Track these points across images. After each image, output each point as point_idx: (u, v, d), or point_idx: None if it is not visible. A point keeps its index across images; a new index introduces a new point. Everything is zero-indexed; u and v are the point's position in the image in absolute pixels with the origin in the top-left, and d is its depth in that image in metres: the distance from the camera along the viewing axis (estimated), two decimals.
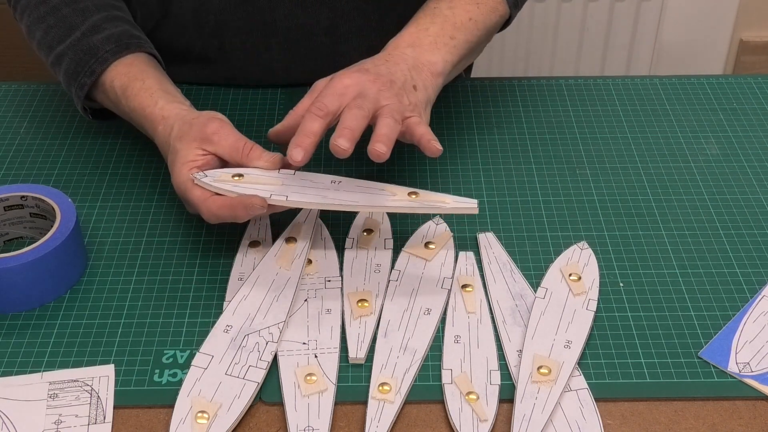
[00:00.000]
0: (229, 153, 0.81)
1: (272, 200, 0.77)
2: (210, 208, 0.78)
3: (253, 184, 0.79)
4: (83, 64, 0.90)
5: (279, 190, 0.79)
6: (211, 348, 0.74)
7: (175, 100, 0.87)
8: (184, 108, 0.86)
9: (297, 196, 0.78)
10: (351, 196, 0.80)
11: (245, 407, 0.70)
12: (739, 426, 0.70)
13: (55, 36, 0.92)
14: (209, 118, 0.82)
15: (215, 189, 0.78)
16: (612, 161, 0.96)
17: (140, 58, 0.91)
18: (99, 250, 0.85)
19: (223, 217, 0.78)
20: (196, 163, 0.80)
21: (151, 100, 0.86)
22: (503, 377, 0.73)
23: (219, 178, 0.79)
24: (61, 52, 0.92)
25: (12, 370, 0.74)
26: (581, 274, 0.81)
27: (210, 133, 0.80)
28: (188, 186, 0.79)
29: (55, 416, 0.70)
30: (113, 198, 0.91)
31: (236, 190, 0.78)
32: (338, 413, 0.70)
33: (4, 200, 0.83)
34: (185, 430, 0.68)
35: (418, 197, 0.80)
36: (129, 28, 0.93)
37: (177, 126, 0.83)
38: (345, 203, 0.79)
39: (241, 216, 0.77)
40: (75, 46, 0.91)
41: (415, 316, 0.77)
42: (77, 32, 0.91)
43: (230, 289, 0.80)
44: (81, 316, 0.79)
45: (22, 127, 1.01)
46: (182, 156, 0.80)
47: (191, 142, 0.81)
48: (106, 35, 0.91)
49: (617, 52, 1.97)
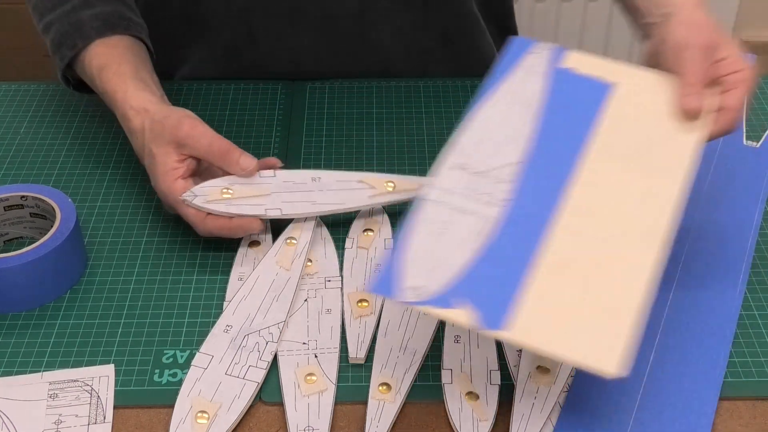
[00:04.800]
0: (206, 155, 0.82)
1: (268, 215, 0.82)
2: (208, 228, 0.81)
3: (245, 198, 0.82)
4: (67, 36, 0.90)
5: (271, 201, 0.82)
6: (211, 348, 0.74)
7: (146, 88, 0.87)
8: (153, 100, 0.86)
9: (289, 207, 0.83)
10: (335, 196, 0.84)
11: (245, 407, 0.70)
12: (739, 426, 0.70)
13: (48, 3, 0.93)
14: (180, 119, 0.82)
15: (209, 210, 0.81)
16: None
17: (124, 42, 0.91)
18: (99, 250, 0.85)
19: (221, 236, 0.81)
20: (178, 172, 0.81)
21: (122, 86, 0.86)
22: (503, 377, 0.73)
23: (210, 198, 0.81)
24: (50, 20, 0.92)
25: (12, 370, 0.74)
26: None
27: (184, 136, 0.81)
28: (180, 205, 0.81)
29: (55, 416, 0.70)
30: (113, 198, 0.91)
31: (231, 210, 0.81)
32: (338, 413, 0.70)
33: (4, 200, 0.83)
34: (185, 429, 0.68)
35: (396, 186, 0.85)
36: (122, 9, 0.93)
37: (148, 125, 0.83)
38: (334, 206, 0.84)
39: (239, 235, 0.82)
40: (64, 17, 0.91)
41: (415, 316, 0.77)
42: (69, 4, 0.92)
43: (230, 289, 0.80)
44: (81, 316, 0.79)
45: (22, 127, 1.01)
46: (161, 163, 0.81)
47: (167, 146, 0.81)
48: (96, 12, 0.91)
49: (617, 52, 1.97)
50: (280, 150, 0.97)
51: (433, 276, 0.67)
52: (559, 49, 0.82)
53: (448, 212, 0.71)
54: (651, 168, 0.74)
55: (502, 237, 0.70)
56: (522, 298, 0.66)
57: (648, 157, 0.75)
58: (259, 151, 0.96)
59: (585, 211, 0.71)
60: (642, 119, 0.77)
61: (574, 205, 0.71)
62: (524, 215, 0.71)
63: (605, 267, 0.68)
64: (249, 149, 0.94)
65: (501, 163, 0.74)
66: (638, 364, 0.73)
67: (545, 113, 0.77)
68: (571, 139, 0.76)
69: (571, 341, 0.64)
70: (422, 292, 0.66)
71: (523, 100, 0.78)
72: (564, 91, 0.79)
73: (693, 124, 0.76)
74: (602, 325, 0.65)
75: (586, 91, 0.79)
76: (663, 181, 0.73)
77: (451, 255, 0.68)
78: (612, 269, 0.68)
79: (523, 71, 0.80)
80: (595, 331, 0.64)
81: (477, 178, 0.73)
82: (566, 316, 0.65)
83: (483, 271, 0.68)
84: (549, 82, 0.79)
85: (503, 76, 0.80)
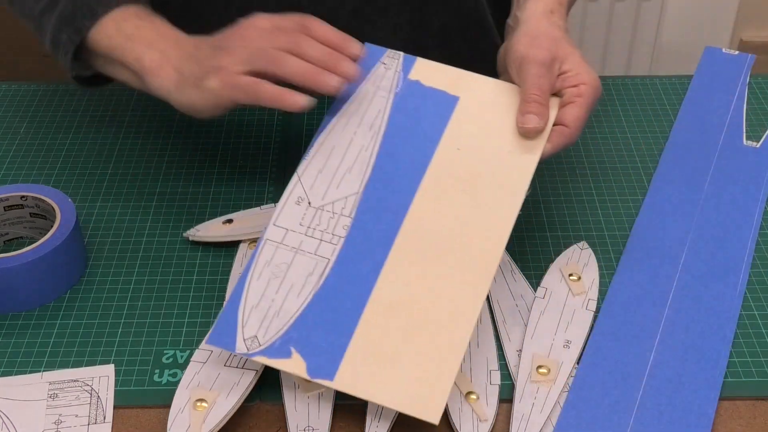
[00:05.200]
0: None
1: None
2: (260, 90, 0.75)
3: (245, 225, 0.84)
4: (82, 6, 0.83)
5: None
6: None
7: None
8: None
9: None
10: None
11: (244, 393, 0.69)
12: (739, 426, 0.70)
13: None
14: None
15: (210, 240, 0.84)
16: (612, 161, 0.96)
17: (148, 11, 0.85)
18: (99, 250, 0.85)
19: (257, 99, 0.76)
20: None
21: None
22: (503, 377, 0.73)
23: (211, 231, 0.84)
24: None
25: (12, 370, 0.74)
26: (581, 274, 0.81)
27: None
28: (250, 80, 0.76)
29: (55, 416, 0.70)
30: (113, 198, 0.91)
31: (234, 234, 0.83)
32: (338, 413, 0.70)
33: (4, 200, 0.83)
34: (184, 418, 0.68)
35: None
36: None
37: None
38: None
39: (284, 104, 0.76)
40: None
41: None
42: None
43: (230, 288, 0.80)
44: (81, 316, 0.79)
45: (22, 127, 1.01)
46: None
47: None
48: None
49: (617, 52, 1.97)
50: (280, 149, 0.97)
51: (268, 325, 0.69)
52: (408, 58, 0.81)
53: (289, 253, 0.72)
54: (487, 194, 0.74)
55: (335, 279, 0.70)
56: (351, 345, 0.67)
57: (486, 179, 0.75)
58: (258, 150, 0.96)
59: (416, 248, 0.71)
60: (483, 137, 0.77)
61: (405, 241, 0.71)
62: (358, 254, 0.71)
63: (432, 309, 0.69)
64: (248, 149, 0.94)
65: (340, 195, 0.74)
66: (638, 364, 0.73)
67: (388, 135, 0.77)
68: (413, 162, 0.75)
69: (394, 390, 0.66)
70: (257, 342, 0.68)
71: (366, 121, 0.77)
72: (409, 108, 0.78)
73: (533, 142, 0.76)
74: (424, 373, 0.66)
75: (432, 107, 0.79)
76: (497, 209, 0.73)
77: (286, 301, 0.70)
78: (438, 311, 0.69)
79: (372, 86, 0.80)
80: (417, 379, 0.66)
81: (317, 212, 0.73)
82: (391, 363, 0.67)
83: (315, 318, 0.69)
84: (394, 98, 0.79)
85: (352, 91, 0.79)
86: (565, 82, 0.79)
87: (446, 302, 0.69)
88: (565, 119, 0.78)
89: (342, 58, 0.77)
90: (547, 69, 0.78)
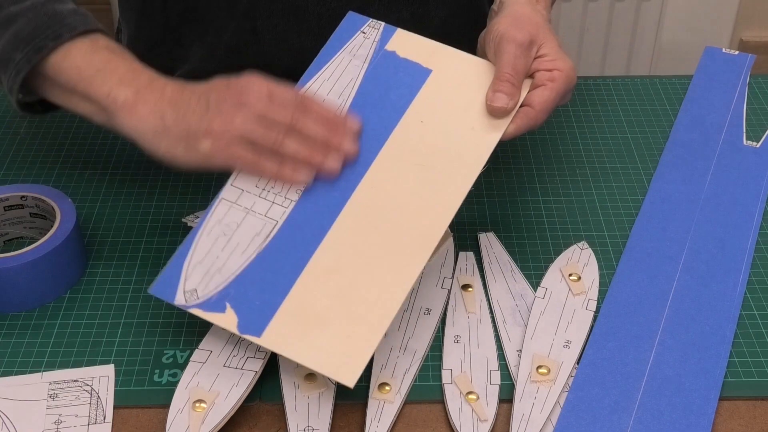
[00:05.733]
0: None
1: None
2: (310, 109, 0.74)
3: None
4: (45, 27, 0.78)
5: None
6: (210, 343, 0.74)
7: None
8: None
9: None
10: None
11: (243, 395, 0.69)
12: (739, 426, 0.70)
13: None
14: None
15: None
16: (612, 161, 0.96)
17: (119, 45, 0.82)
18: (99, 250, 0.85)
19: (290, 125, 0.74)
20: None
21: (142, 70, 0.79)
22: (503, 377, 0.73)
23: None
24: (15, 12, 0.79)
25: (12, 370, 0.74)
26: (581, 274, 0.81)
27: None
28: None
29: (55, 416, 0.70)
30: (113, 198, 0.91)
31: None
32: (338, 413, 0.70)
33: (4, 200, 0.83)
34: (183, 419, 0.68)
35: None
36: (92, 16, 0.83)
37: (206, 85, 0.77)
38: None
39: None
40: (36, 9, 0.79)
41: (415, 316, 0.77)
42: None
43: None
44: (81, 316, 0.79)
45: (22, 127, 1.01)
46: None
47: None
48: (72, 8, 0.81)
49: (617, 52, 1.97)
50: None
51: (209, 280, 0.70)
52: (389, 29, 0.81)
53: (241, 213, 0.73)
54: (442, 168, 0.74)
55: (279, 242, 0.71)
56: (283, 305, 0.69)
57: (444, 154, 0.75)
58: None
59: (365, 214, 0.72)
60: (449, 112, 0.77)
61: (353, 209, 0.72)
62: (305, 219, 0.72)
63: (366, 278, 0.70)
64: None
65: None
66: (638, 364, 0.73)
67: (356, 104, 0.77)
68: (375, 132, 0.76)
69: (316, 351, 0.67)
70: (195, 295, 0.69)
71: (336, 89, 0.78)
72: (380, 78, 0.78)
73: (498, 121, 0.76)
74: (348, 338, 0.67)
75: (403, 78, 0.79)
76: (449, 184, 0.73)
77: (230, 259, 0.71)
78: (372, 280, 0.69)
79: (348, 54, 0.80)
80: (340, 344, 0.67)
81: None
82: (318, 326, 0.68)
83: (253, 277, 0.70)
84: (368, 67, 0.79)
85: (327, 60, 0.79)
86: (539, 65, 0.79)
87: (382, 272, 0.70)
88: (532, 101, 0.77)
89: (343, 136, 0.75)
90: (524, 50, 0.78)
